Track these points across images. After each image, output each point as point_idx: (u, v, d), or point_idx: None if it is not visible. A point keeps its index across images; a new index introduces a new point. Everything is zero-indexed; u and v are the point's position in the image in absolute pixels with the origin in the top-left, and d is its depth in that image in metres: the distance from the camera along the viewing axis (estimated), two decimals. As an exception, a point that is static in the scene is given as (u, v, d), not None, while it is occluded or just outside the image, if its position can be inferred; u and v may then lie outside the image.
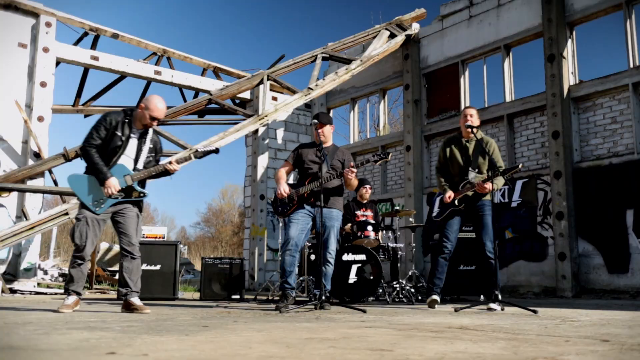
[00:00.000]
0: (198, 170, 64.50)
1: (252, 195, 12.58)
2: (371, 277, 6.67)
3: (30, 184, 9.48)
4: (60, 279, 11.94)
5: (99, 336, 2.59)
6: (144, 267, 7.31)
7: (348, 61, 11.25)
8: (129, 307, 4.68)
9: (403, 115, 11.96)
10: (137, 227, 4.84)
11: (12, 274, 9.61)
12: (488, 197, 5.69)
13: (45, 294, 9.18)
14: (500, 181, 5.65)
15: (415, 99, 11.58)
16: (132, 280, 4.75)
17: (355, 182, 5.47)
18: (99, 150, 4.69)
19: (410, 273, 7.60)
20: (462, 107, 11.02)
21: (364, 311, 4.75)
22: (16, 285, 9.20)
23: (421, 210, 11.21)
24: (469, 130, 5.65)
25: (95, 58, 10.96)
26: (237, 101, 13.24)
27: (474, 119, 5.69)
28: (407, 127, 11.59)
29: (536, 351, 2.16)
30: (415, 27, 12.01)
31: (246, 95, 12.69)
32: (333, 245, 5.42)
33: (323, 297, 4.93)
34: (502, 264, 9.91)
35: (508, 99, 10.37)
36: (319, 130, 5.59)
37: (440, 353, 2.08)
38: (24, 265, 9.74)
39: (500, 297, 5.12)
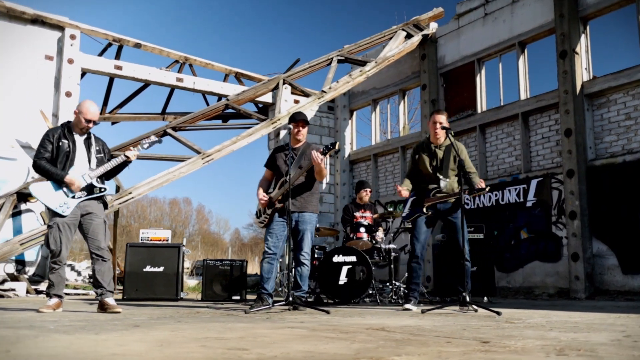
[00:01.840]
0: (251, 173, 65.49)
1: (275, 198, 12.76)
2: (361, 279, 6.72)
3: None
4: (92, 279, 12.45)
5: (13, 334, 2.79)
6: (148, 268, 7.63)
7: (363, 63, 11.30)
8: (102, 307, 4.93)
9: (421, 116, 11.91)
10: (104, 232, 5.09)
11: (40, 275, 10.12)
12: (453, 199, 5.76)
13: (69, 294, 9.63)
14: (477, 179, 5.71)
15: (432, 98, 11.52)
16: (104, 282, 5.00)
17: (324, 171, 5.48)
18: (52, 163, 4.99)
19: (406, 274, 7.60)
20: (478, 106, 10.91)
21: (328, 312, 4.84)
22: (42, 286, 9.67)
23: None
24: (444, 132, 5.69)
25: (119, 67, 11.41)
26: (261, 105, 13.49)
27: (445, 123, 5.73)
28: (425, 128, 11.53)
29: (385, 351, 2.22)
30: (433, 27, 11.94)
31: (268, 99, 12.89)
32: (307, 247, 5.52)
33: (290, 299, 5.03)
34: (517, 264, 9.78)
35: (523, 96, 10.20)
36: (298, 130, 5.65)
37: (284, 353, 2.18)
38: (50, 266, 10.23)
39: (468, 299, 5.10)
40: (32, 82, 10.46)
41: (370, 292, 7.16)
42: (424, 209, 5.70)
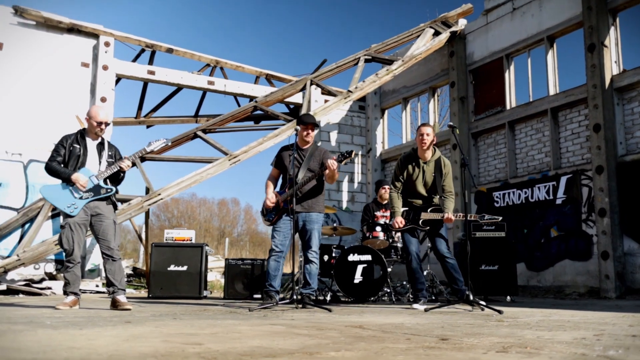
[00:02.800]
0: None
1: (306, 197, 12.88)
2: (376, 278, 6.76)
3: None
4: (131, 279, 12.84)
5: (5, 329, 2.98)
6: (172, 267, 7.85)
7: (390, 62, 11.29)
8: (115, 304, 5.13)
9: (450, 114, 11.81)
10: (114, 233, 5.29)
11: (78, 274, 10.52)
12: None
13: (104, 292, 9.97)
14: (451, 205, 5.77)
15: (461, 96, 11.40)
16: (116, 280, 5.20)
17: (336, 175, 5.57)
18: (64, 166, 5.21)
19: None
20: (507, 103, 10.74)
21: (330, 310, 4.91)
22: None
23: (470, 209, 11.03)
24: (432, 144, 5.76)
25: (152, 72, 11.74)
26: (292, 106, 13.64)
27: (430, 138, 5.73)
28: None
29: (332, 347, 2.29)
30: (462, 23, 11.83)
31: (299, 100, 12.99)
32: (315, 246, 5.61)
33: (295, 297, 5.12)
34: (547, 263, 9.59)
35: (552, 92, 9.99)
36: (307, 132, 5.73)
37: (232, 347, 2.27)
38: (88, 266, 10.65)
39: (471, 297, 5.07)
40: (69, 88, 10.87)
41: (388, 290, 7.18)
42: (420, 222, 5.74)
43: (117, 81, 11.55)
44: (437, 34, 11.62)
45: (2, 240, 9.99)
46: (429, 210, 5.76)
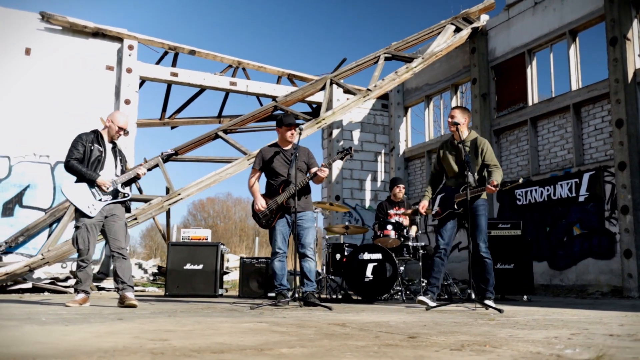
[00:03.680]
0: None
1: (328, 197, 12.93)
2: (387, 276, 6.74)
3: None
4: (156, 277, 13.09)
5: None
6: (188, 266, 7.98)
7: (410, 60, 11.22)
8: (122, 301, 5.25)
9: (472, 110, 11.67)
10: (125, 234, 5.44)
11: (104, 273, 10.78)
12: (484, 196, 5.62)
13: (127, 290, 10.18)
14: (499, 177, 5.55)
15: (482, 92, 11.27)
16: (125, 277, 5.33)
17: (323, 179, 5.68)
18: (82, 164, 5.35)
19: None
20: (529, 99, 10.57)
21: (330, 308, 4.94)
22: (104, 284, 10.30)
23: (491, 206, 10.90)
24: (455, 129, 5.64)
25: (175, 74, 11.93)
26: (315, 105, 13.67)
27: (457, 119, 5.65)
28: (475, 123, 11.30)
29: (294, 343, 2.31)
30: (483, 19, 11.69)
31: (321, 99, 13.02)
32: (312, 244, 5.66)
33: (296, 295, 5.16)
34: (570, 261, 9.41)
35: (574, 87, 9.79)
36: (292, 133, 5.81)
37: (192, 343, 2.32)
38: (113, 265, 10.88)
39: (473, 295, 5.01)
40: (94, 91, 11.13)
41: (400, 289, 7.15)
42: (455, 206, 5.63)
43: (141, 83, 11.79)
44: (458, 30, 11.50)
45: (31, 239, 10.32)
46: (461, 190, 5.66)
